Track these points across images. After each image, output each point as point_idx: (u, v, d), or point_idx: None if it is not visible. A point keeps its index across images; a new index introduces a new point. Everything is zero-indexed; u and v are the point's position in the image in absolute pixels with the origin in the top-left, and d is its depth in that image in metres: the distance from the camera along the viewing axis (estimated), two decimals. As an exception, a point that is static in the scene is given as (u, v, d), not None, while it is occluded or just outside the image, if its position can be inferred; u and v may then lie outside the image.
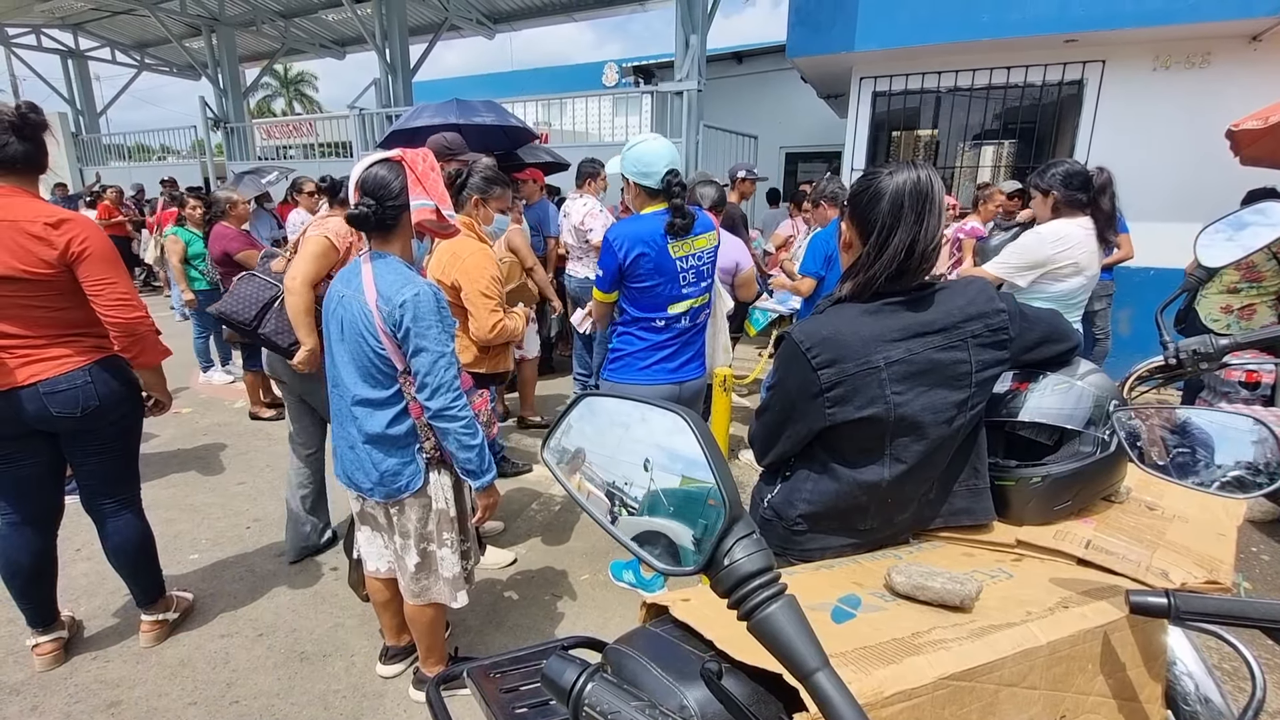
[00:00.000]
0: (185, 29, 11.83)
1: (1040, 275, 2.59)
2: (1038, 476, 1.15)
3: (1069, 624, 0.85)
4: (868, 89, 6.08)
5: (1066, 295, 2.63)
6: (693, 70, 6.96)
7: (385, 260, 1.72)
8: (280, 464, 3.93)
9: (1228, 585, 0.96)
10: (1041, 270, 2.58)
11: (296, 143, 14.07)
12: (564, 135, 11.35)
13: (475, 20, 11.79)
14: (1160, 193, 5.11)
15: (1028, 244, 2.61)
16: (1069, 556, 1.07)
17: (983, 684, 0.77)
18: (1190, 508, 1.19)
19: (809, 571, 1.07)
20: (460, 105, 5.29)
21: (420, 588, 1.91)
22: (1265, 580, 2.78)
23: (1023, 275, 2.60)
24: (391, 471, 1.77)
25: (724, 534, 0.50)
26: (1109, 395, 1.18)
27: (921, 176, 1.09)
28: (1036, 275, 2.60)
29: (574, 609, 2.60)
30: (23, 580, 2.13)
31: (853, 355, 1.09)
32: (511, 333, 2.48)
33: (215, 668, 2.22)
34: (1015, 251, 2.64)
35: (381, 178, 1.68)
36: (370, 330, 1.67)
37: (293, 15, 12.16)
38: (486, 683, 0.91)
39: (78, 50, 13.46)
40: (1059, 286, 2.61)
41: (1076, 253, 2.55)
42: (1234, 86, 4.85)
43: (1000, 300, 1.16)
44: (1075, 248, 2.55)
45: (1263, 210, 1.39)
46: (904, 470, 1.12)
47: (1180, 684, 1.06)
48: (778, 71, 10.11)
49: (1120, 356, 4.86)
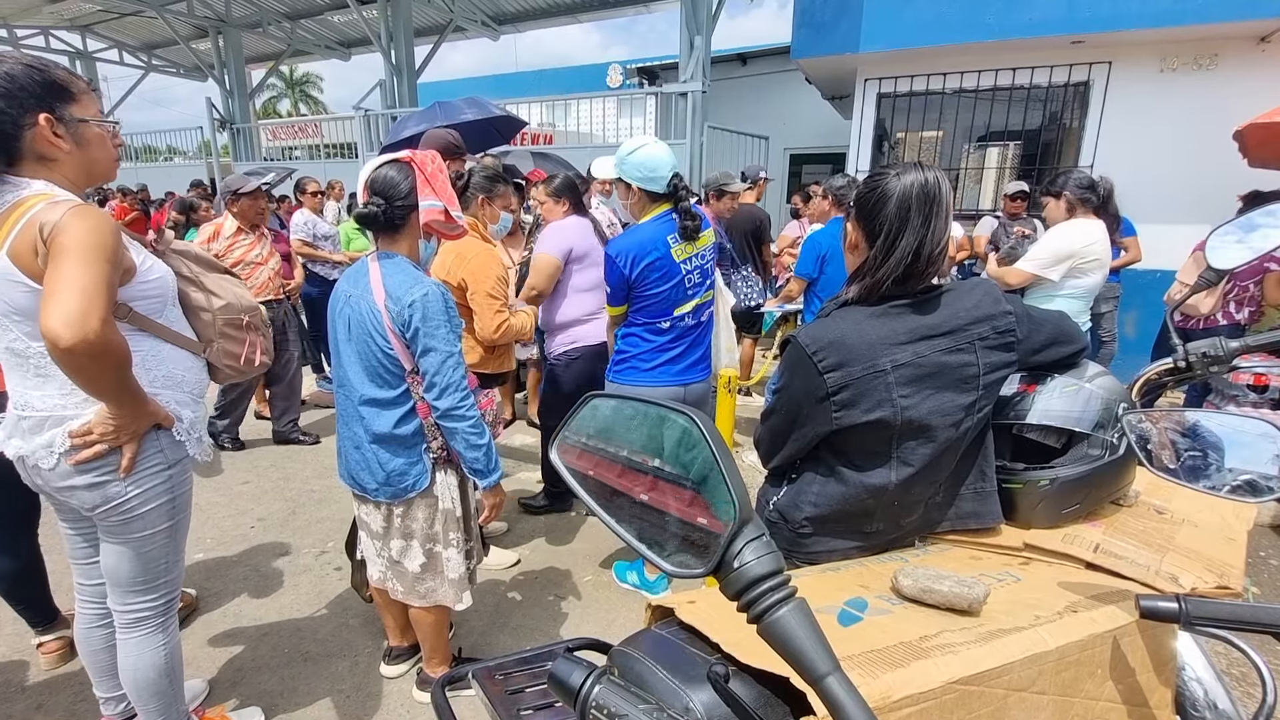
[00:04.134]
0: (192, 30, 11.90)
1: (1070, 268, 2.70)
2: (1046, 479, 1.15)
3: (1078, 628, 0.84)
4: (872, 90, 6.07)
5: (1091, 290, 2.79)
6: (697, 71, 6.96)
7: (393, 260, 1.72)
8: (285, 463, 3.95)
9: (1238, 590, 0.96)
10: (1071, 262, 2.70)
11: (302, 144, 14.10)
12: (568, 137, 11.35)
13: (480, 21, 11.83)
14: (1167, 195, 5.08)
15: (1055, 239, 2.73)
16: (1077, 560, 1.06)
17: (991, 689, 0.76)
18: (1199, 512, 1.18)
19: (815, 574, 1.06)
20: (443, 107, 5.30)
21: (426, 589, 1.91)
22: (1274, 585, 2.76)
23: (1055, 269, 2.71)
24: (398, 471, 1.77)
25: (734, 536, 0.50)
26: (1117, 398, 1.17)
27: (929, 179, 1.08)
28: (1068, 268, 2.71)
29: (578, 610, 2.59)
30: (8, 583, 2.12)
31: (859, 359, 1.08)
32: (518, 331, 2.48)
33: (215, 670, 2.23)
34: (1045, 248, 2.75)
35: (390, 178, 1.68)
36: (378, 330, 1.68)
37: (299, 17, 12.22)
38: (491, 684, 0.91)
39: (86, 52, 13.54)
40: (1086, 281, 2.75)
41: (1099, 248, 2.70)
42: (1241, 88, 4.82)
43: (1007, 302, 1.15)
44: (1098, 243, 2.69)
45: (1273, 212, 1.38)
46: (911, 473, 1.12)
47: (1189, 689, 1.05)
48: (782, 73, 10.11)
49: (1126, 359, 4.84)
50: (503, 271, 2.46)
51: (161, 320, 1.53)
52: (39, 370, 1.40)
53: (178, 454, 1.54)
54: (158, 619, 1.62)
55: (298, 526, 3.21)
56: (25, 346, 1.37)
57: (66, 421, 1.41)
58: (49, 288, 1.23)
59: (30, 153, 1.34)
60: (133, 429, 1.43)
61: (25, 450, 1.43)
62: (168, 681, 1.66)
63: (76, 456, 1.40)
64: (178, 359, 1.56)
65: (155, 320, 1.51)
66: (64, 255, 1.24)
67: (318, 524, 3.23)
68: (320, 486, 3.63)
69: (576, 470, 0.64)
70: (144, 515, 1.50)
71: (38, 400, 1.41)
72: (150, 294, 1.49)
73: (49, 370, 1.38)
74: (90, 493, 1.45)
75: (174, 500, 1.55)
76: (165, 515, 1.54)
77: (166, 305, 1.55)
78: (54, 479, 1.44)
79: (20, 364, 1.40)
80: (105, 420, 1.39)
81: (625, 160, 2.22)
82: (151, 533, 1.53)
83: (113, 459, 1.43)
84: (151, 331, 1.50)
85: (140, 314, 1.47)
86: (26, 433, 1.43)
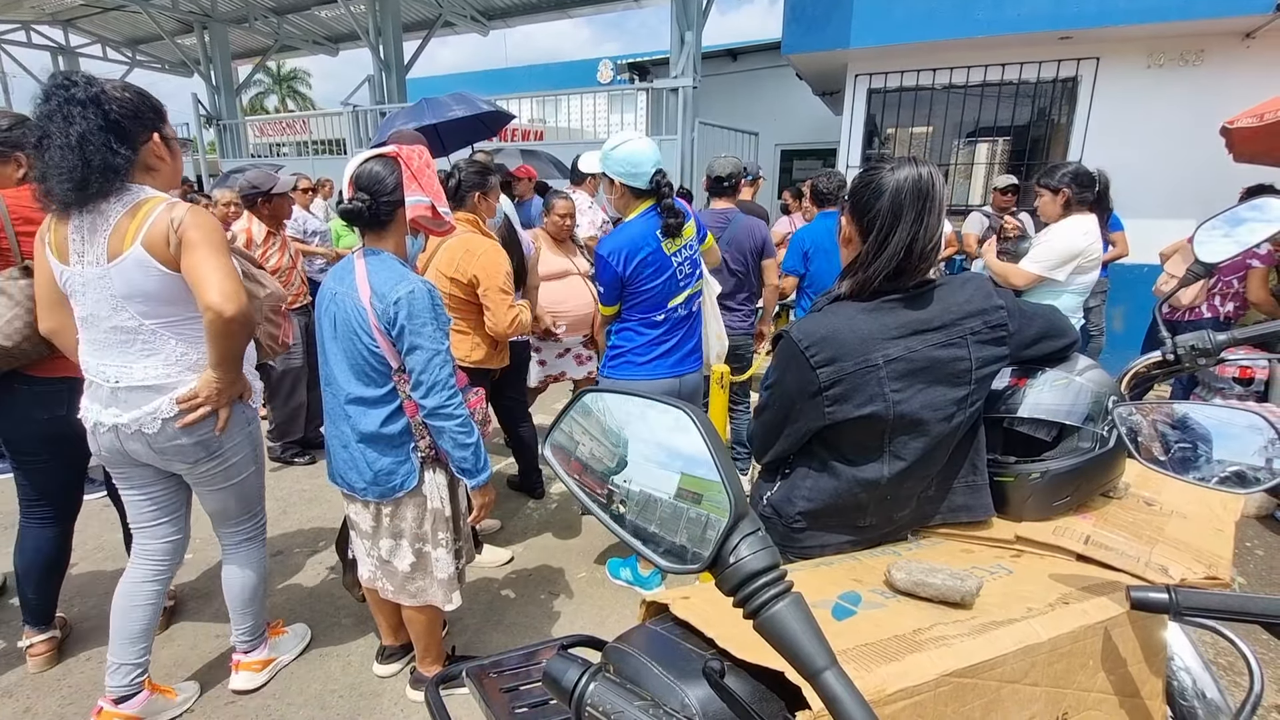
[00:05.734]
0: (177, 25, 11.74)
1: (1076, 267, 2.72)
2: (1037, 472, 1.15)
3: (1070, 620, 0.84)
4: (863, 86, 6.08)
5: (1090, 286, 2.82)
6: (688, 67, 6.95)
7: (379, 257, 1.71)
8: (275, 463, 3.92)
9: (1226, 580, 0.97)
10: (1078, 261, 2.71)
11: (290, 140, 13.97)
12: (559, 133, 11.31)
13: (469, 17, 11.74)
14: (1154, 190, 5.13)
15: (1060, 239, 2.72)
16: (1068, 552, 1.07)
17: (985, 681, 0.77)
18: (1188, 503, 1.19)
19: (809, 569, 1.06)
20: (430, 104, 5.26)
21: (416, 589, 1.90)
22: (1259, 575, 2.80)
23: (1062, 270, 2.73)
24: (386, 471, 1.76)
25: (729, 531, 0.50)
26: (1107, 391, 1.18)
27: (923, 174, 1.08)
28: (1073, 267, 2.71)
29: (571, 607, 2.59)
30: (41, 570, 2.13)
31: (851, 354, 1.08)
32: (525, 324, 2.49)
33: (210, 668, 2.21)
34: (1050, 248, 2.75)
35: (376, 173, 1.67)
36: (364, 328, 1.66)
37: (286, 11, 12.07)
38: (485, 682, 0.90)
39: (68, 47, 13.32)
40: (1085, 278, 2.76)
41: (1098, 246, 2.72)
42: (1227, 84, 4.87)
43: (999, 296, 1.16)
44: (1097, 241, 2.71)
45: (1259, 206, 1.39)
46: (903, 467, 1.12)
47: (1177, 679, 1.06)
48: (773, 68, 10.10)
49: (1113, 353, 4.88)
50: (510, 267, 2.46)
51: None
52: (147, 345, 1.66)
53: (251, 414, 1.91)
54: (260, 537, 2.07)
55: (289, 526, 3.19)
56: (138, 324, 1.63)
57: (169, 390, 1.68)
58: (200, 273, 1.55)
59: (142, 164, 1.64)
60: (230, 393, 1.75)
61: (125, 419, 1.67)
62: (263, 589, 2.09)
63: (186, 419, 1.70)
64: None
65: None
66: (201, 246, 1.56)
67: (309, 523, 3.21)
68: (311, 486, 3.61)
69: (571, 466, 0.63)
70: (238, 463, 1.87)
71: (141, 372, 1.66)
72: None
73: (158, 346, 1.66)
74: (196, 449, 1.75)
75: (255, 450, 1.94)
76: (252, 460, 1.93)
77: None
78: (159, 440, 1.70)
79: (127, 340, 1.65)
80: (210, 384, 1.69)
81: (609, 155, 2.22)
82: (246, 475, 1.91)
83: (210, 421, 1.74)
84: None
85: None
86: (125, 402, 1.67)
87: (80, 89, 1.51)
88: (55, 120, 1.50)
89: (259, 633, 2.12)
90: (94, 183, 1.52)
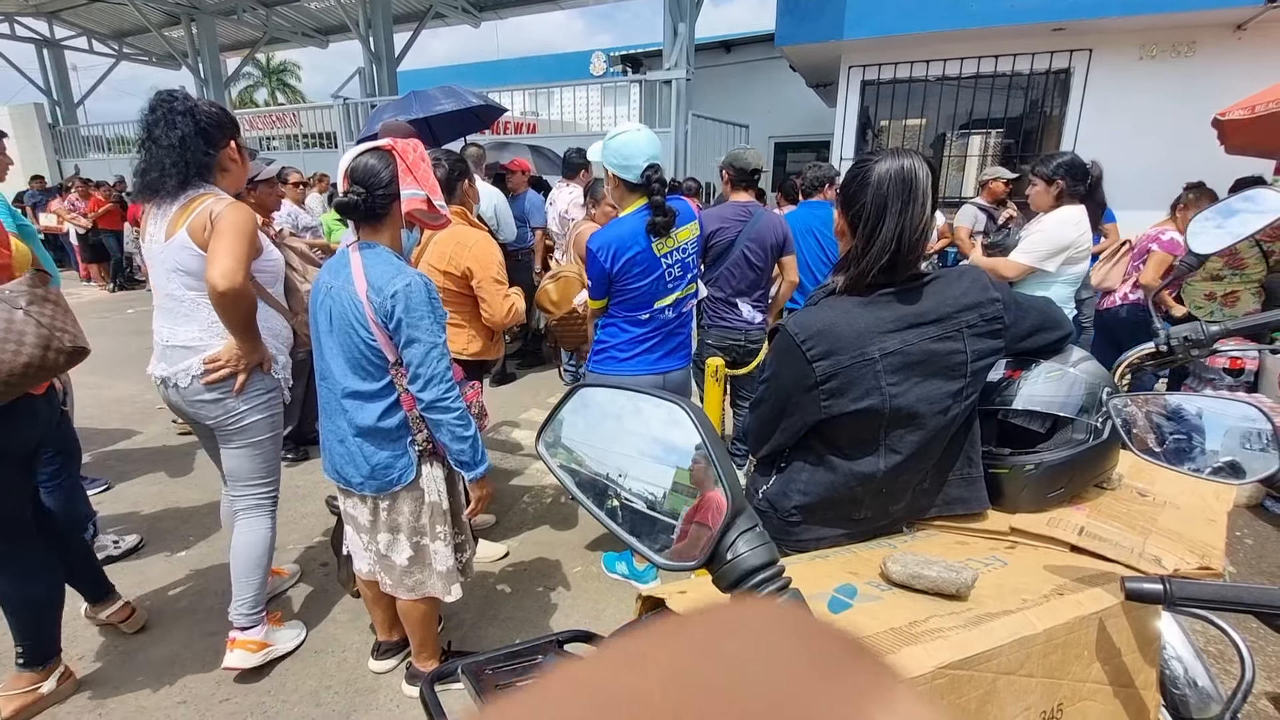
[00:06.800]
0: (164, 17, 11.61)
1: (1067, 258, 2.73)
2: (1031, 464, 1.16)
3: (1065, 611, 0.85)
4: (856, 78, 6.07)
5: (1080, 277, 2.84)
6: (681, 59, 6.92)
7: (374, 250, 1.69)
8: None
9: (1219, 570, 0.97)
10: (1069, 252, 2.71)
11: (280, 134, 13.84)
12: (551, 125, 11.24)
13: (461, 8, 11.65)
14: (1146, 181, 5.14)
15: (1052, 230, 2.72)
16: (1062, 543, 1.07)
17: (981, 672, 0.77)
18: (1181, 494, 1.20)
19: (804, 562, 1.06)
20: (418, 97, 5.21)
21: (414, 582, 1.89)
22: (1249, 564, 2.83)
23: (1053, 260, 2.73)
24: (383, 465, 1.75)
25: (727, 527, 0.49)
26: (1101, 382, 1.19)
27: (906, 165, 1.08)
28: (1064, 258, 2.72)
29: (567, 601, 2.59)
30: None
31: (847, 347, 1.08)
32: (520, 312, 2.48)
33: (204, 665, 2.20)
34: (1041, 239, 2.76)
35: (371, 167, 1.65)
36: (361, 321, 1.65)
37: (274, 3, 11.95)
38: (481, 679, 0.90)
39: (53, 39, 13.16)
40: (1076, 269, 2.77)
41: (1088, 237, 2.73)
42: (1219, 76, 4.89)
43: (995, 289, 1.15)
44: (1087, 231, 2.72)
45: (1251, 197, 1.40)
46: (899, 461, 1.12)
47: (1169, 668, 1.07)
48: (767, 60, 10.07)
49: (1106, 344, 4.91)
50: (502, 256, 2.45)
51: (271, 290, 2.15)
52: (186, 313, 1.94)
53: (272, 384, 2.09)
54: (269, 507, 2.20)
55: (282, 522, 3.14)
56: (182, 295, 1.93)
57: (200, 351, 1.94)
58: (212, 253, 1.79)
59: (220, 165, 1.96)
60: (248, 360, 1.96)
61: (169, 372, 1.96)
62: (268, 560, 2.18)
63: (208, 378, 1.94)
64: (277, 319, 2.16)
65: (267, 290, 2.12)
66: (223, 233, 1.80)
67: (302, 519, 3.19)
68: (305, 482, 3.59)
69: (564, 462, 0.63)
70: (253, 425, 2.05)
71: (183, 334, 1.94)
72: (267, 270, 2.10)
73: (194, 314, 1.94)
74: (214, 405, 1.98)
75: (273, 417, 2.11)
76: (268, 427, 2.10)
77: (277, 280, 2.20)
78: (189, 394, 1.96)
79: (175, 307, 1.95)
80: (232, 350, 1.93)
81: (605, 145, 2.16)
82: (260, 439, 2.08)
83: (230, 382, 1.96)
84: (262, 297, 2.06)
85: (258, 283, 2.04)
86: (169, 359, 1.97)
87: (180, 102, 1.86)
88: (160, 126, 1.83)
89: (257, 609, 2.15)
90: (185, 175, 1.86)
